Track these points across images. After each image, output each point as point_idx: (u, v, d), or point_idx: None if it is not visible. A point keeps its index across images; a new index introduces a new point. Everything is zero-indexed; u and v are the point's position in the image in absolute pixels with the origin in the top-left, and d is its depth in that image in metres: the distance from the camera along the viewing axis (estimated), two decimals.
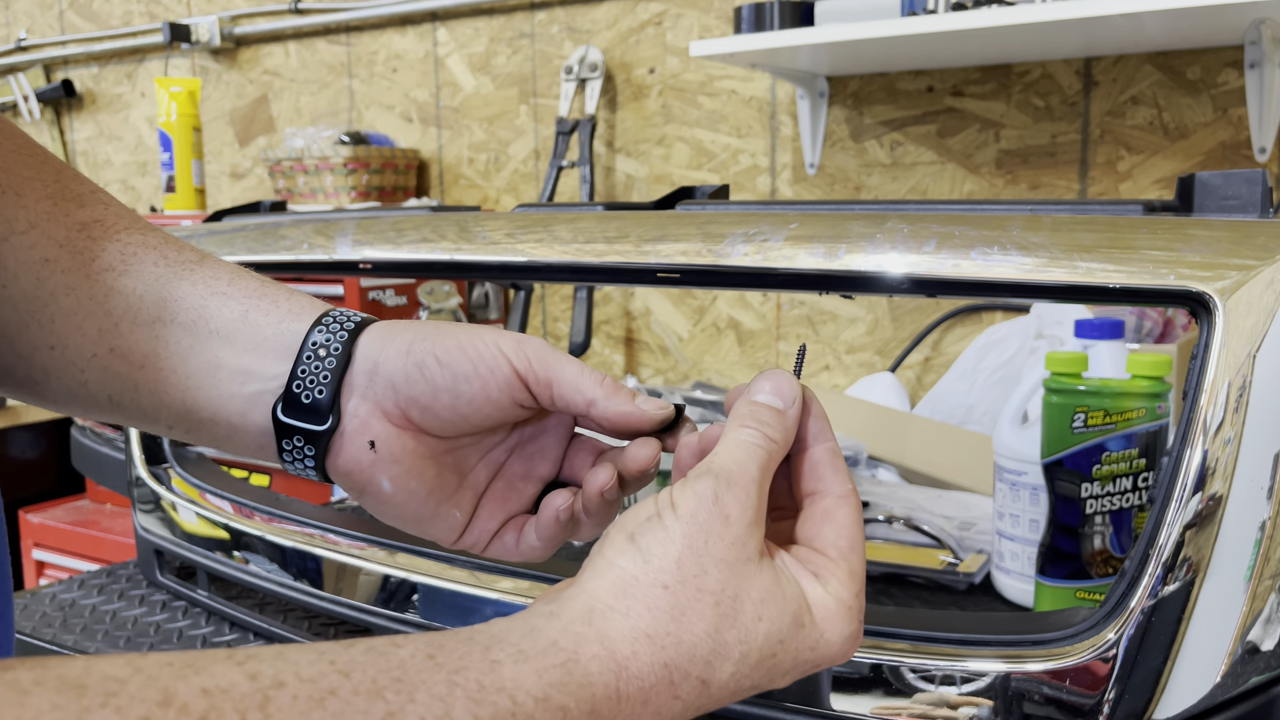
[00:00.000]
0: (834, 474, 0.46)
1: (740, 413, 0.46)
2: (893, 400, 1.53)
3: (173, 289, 0.51)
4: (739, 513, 0.42)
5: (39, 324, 0.51)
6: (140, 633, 1.03)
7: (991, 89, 1.61)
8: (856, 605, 0.44)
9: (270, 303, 0.52)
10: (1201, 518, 0.62)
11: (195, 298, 0.51)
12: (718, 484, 0.42)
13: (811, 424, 0.47)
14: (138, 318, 0.51)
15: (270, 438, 0.51)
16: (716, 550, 0.41)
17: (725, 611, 0.41)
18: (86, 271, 0.51)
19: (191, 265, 0.53)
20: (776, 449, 0.45)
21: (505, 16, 2.06)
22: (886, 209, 0.79)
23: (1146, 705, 0.64)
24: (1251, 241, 0.65)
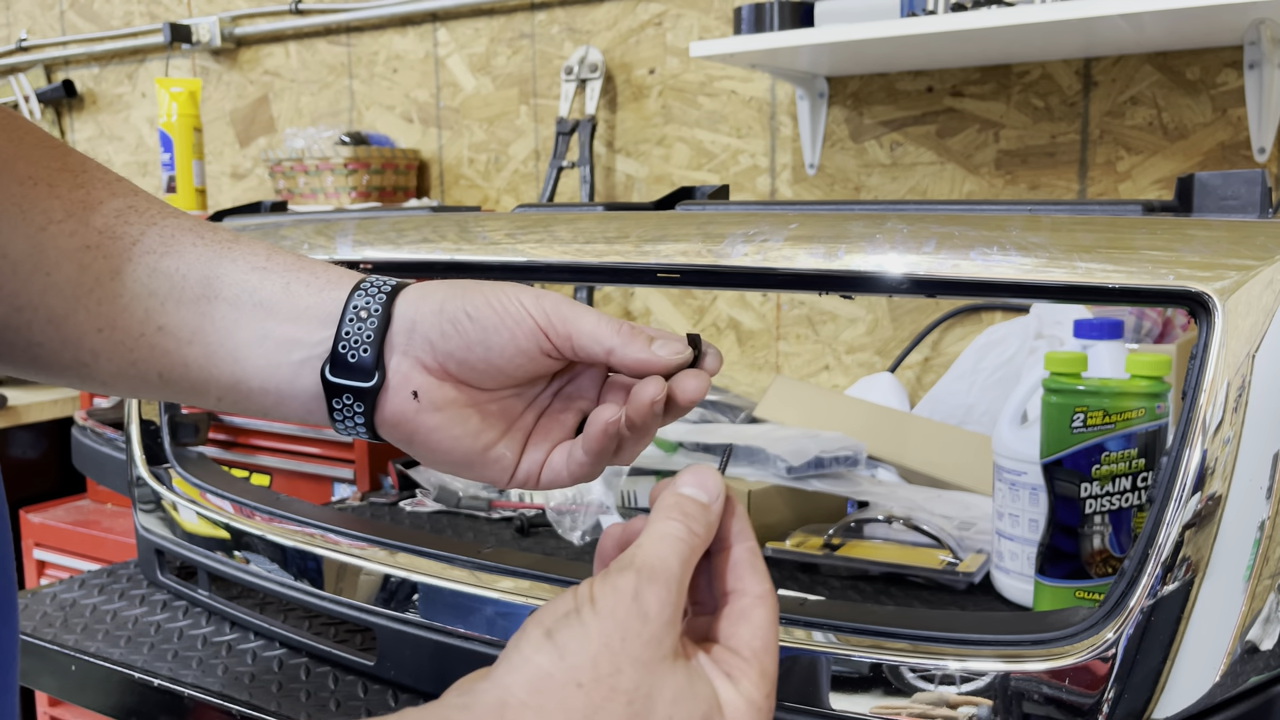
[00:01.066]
0: (753, 574, 0.47)
1: (665, 504, 0.46)
2: (892, 400, 1.54)
3: (215, 267, 0.54)
4: (657, 610, 0.42)
5: (85, 308, 0.53)
6: (141, 632, 1.03)
7: (991, 89, 1.62)
8: (766, 706, 0.45)
9: (310, 274, 0.55)
10: (1201, 517, 0.62)
11: (237, 273, 0.54)
12: (639, 579, 0.42)
13: (734, 523, 0.48)
14: (183, 296, 0.54)
15: (320, 400, 0.54)
16: (633, 649, 0.41)
17: (638, 711, 0.41)
18: (129, 255, 0.53)
19: (229, 244, 0.55)
20: (699, 543, 0.45)
21: (505, 17, 2.06)
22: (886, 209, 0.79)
23: (1146, 705, 0.64)
24: (1251, 242, 0.65)
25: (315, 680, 0.92)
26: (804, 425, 1.33)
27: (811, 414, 1.38)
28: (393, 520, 1.35)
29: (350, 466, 1.60)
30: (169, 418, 1.15)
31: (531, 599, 0.83)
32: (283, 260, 0.55)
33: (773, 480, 1.17)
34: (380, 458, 1.58)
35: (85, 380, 0.55)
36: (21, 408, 2.13)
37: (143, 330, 0.54)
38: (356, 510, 1.41)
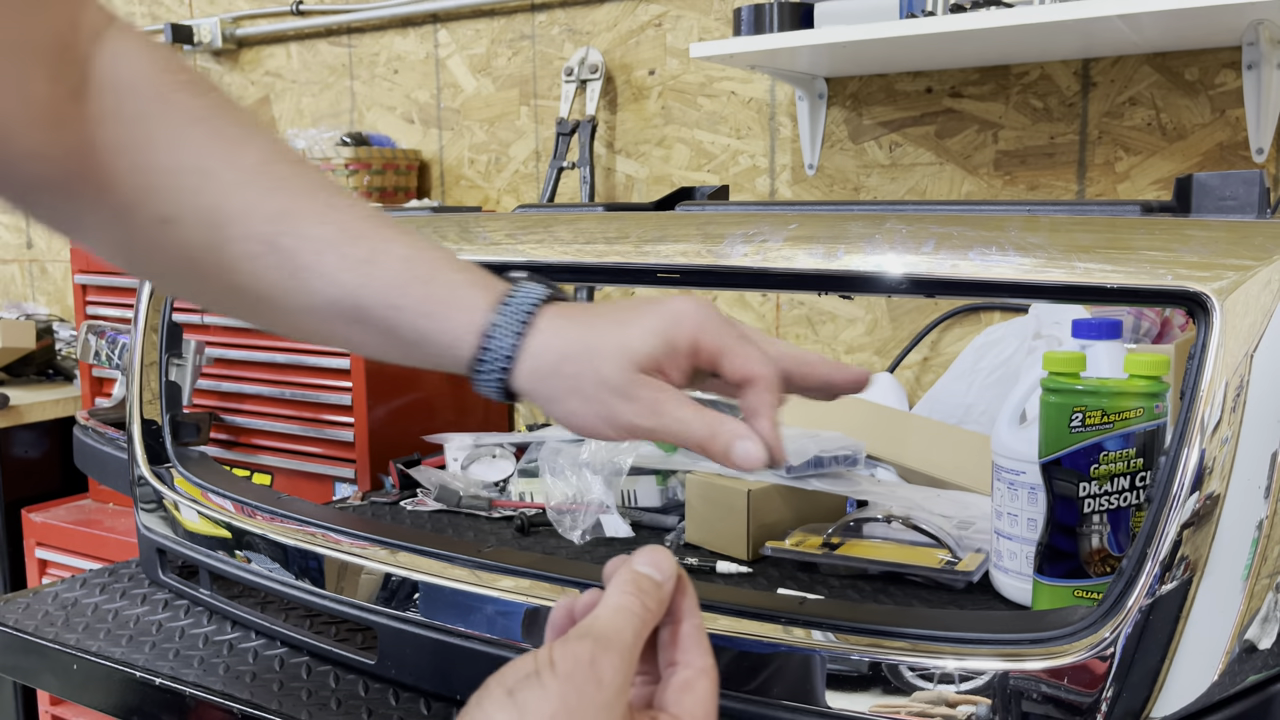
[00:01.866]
0: (698, 648, 0.50)
1: (622, 579, 0.50)
2: (891, 400, 1.54)
3: (359, 298, 0.59)
4: (611, 676, 0.45)
5: (269, 309, 0.60)
6: (143, 631, 1.03)
7: (990, 90, 1.62)
8: None
9: (439, 322, 0.59)
10: (1199, 517, 0.62)
11: (379, 310, 0.59)
12: (595, 647, 0.45)
13: (684, 600, 0.51)
14: (343, 317, 0.60)
15: None
16: (588, 712, 0.44)
17: None
18: (289, 270, 0.59)
19: (366, 269, 0.59)
20: (651, 617, 0.49)
21: (506, 18, 2.07)
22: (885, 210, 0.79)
23: (1144, 703, 0.64)
24: (1249, 242, 0.66)
25: (316, 679, 0.92)
26: (803, 425, 1.34)
27: (811, 413, 1.38)
28: (393, 519, 1.36)
29: (351, 466, 1.60)
30: (170, 417, 1.16)
31: (532, 598, 0.83)
32: (415, 297, 0.58)
33: (772, 480, 1.17)
34: (381, 457, 1.58)
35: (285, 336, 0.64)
36: (24, 407, 2.13)
37: (322, 336, 0.62)
38: (357, 510, 1.41)
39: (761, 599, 0.90)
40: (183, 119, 0.58)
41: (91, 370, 1.95)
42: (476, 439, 1.51)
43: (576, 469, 1.29)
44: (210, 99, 0.60)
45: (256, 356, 1.67)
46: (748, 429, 0.58)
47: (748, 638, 0.74)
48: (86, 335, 1.71)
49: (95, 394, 1.95)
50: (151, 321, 1.14)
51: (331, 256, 0.58)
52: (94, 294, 1.94)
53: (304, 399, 1.63)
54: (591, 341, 0.58)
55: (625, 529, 1.23)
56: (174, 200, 0.58)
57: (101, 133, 0.57)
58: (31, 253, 2.94)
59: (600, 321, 0.59)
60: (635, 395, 0.57)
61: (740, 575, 1.09)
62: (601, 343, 0.58)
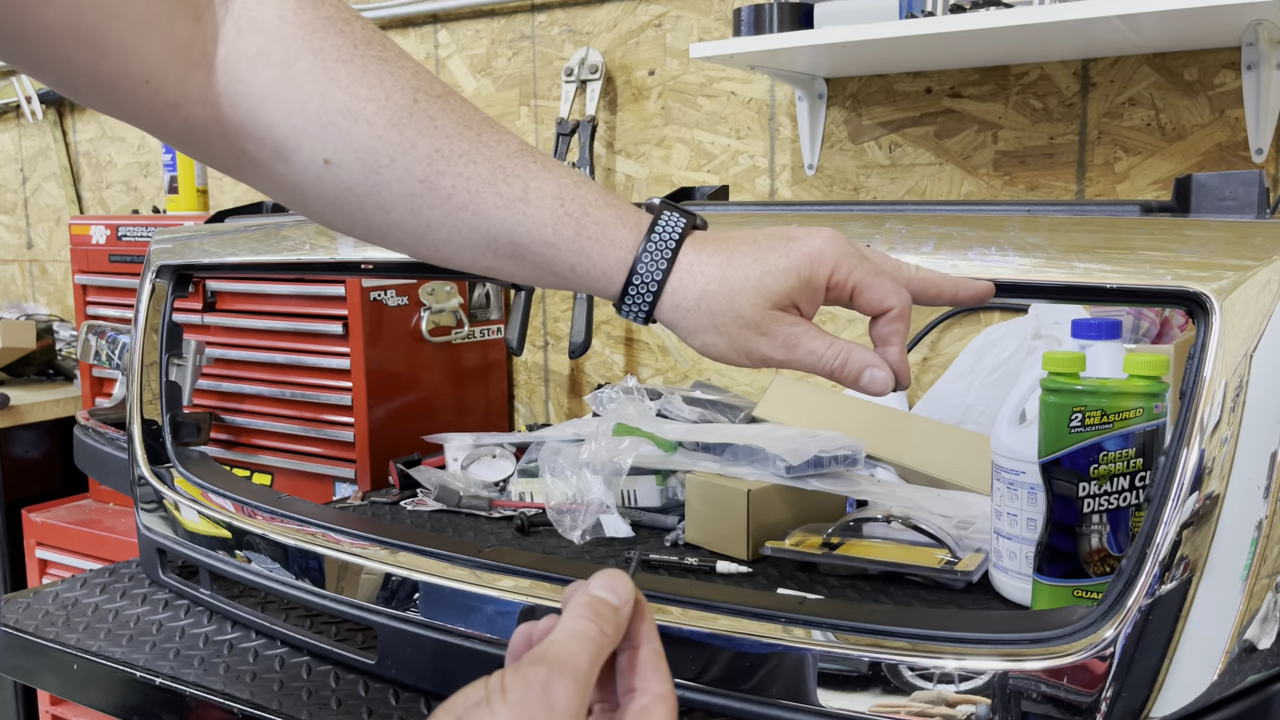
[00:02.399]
0: (655, 674, 0.49)
1: (578, 603, 0.49)
2: (891, 400, 1.54)
3: (515, 235, 0.62)
4: (565, 703, 0.44)
5: (425, 245, 0.63)
6: (143, 631, 1.03)
7: (989, 90, 1.62)
8: None
9: (588, 259, 0.62)
10: (1198, 517, 0.63)
11: (535, 246, 0.62)
12: (549, 673, 0.45)
13: (642, 625, 0.50)
14: (498, 252, 0.63)
15: None
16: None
17: None
18: (447, 209, 0.61)
19: (521, 207, 0.61)
20: (608, 642, 0.48)
21: (506, 18, 2.07)
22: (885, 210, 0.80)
23: (1144, 703, 0.64)
24: (1248, 242, 0.66)
25: (316, 679, 0.93)
26: (803, 425, 1.34)
27: (811, 414, 1.38)
28: (394, 519, 1.36)
29: (351, 466, 1.60)
30: (171, 417, 1.16)
31: (532, 598, 0.83)
32: (566, 235, 0.61)
33: (772, 479, 1.17)
34: (382, 457, 1.58)
35: (428, 259, 0.66)
36: (24, 407, 2.13)
37: (473, 266, 0.64)
38: (358, 510, 1.41)
39: (761, 599, 0.90)
40: (328, 59, 0.59)
41: (92, 370, 1.95)
42: (476, 439, 1.51)
43: (576, 469, 1.29)
44: (353, 33, 0.61)
45: (256, 357, 1.67)
46: (876, 357, 0.62)
47: (748, 637, 0.74)
48: (87, 335, 1.71)
49: (95, 394, 1.95)
50: (152, 322, 1.14)
51: (488, 195, 0.61)
52: (94, 294, 1.94)
53: (304, 399, 1.63)
54: (730, 279, 0.61)
55: (625, 529, 1.24)
56: (328, 142, 0.60)
57: (250, 75, 0.58)
58: (32, 253, 2.94)
59: (739, 258, 0.61)
60: (771, 331, 0.61)
61: (740, 575, 1.09)
62: (740, 282, 0.61)
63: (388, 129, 0.60)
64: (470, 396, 1.81)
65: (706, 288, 0.61)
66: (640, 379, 1.90)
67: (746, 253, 0.62)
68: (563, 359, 2.04)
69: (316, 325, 1.60)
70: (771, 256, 0.61)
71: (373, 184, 0.61)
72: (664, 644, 0.73)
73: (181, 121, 0.59)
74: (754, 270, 0.61)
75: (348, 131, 0.60)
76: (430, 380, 1.70)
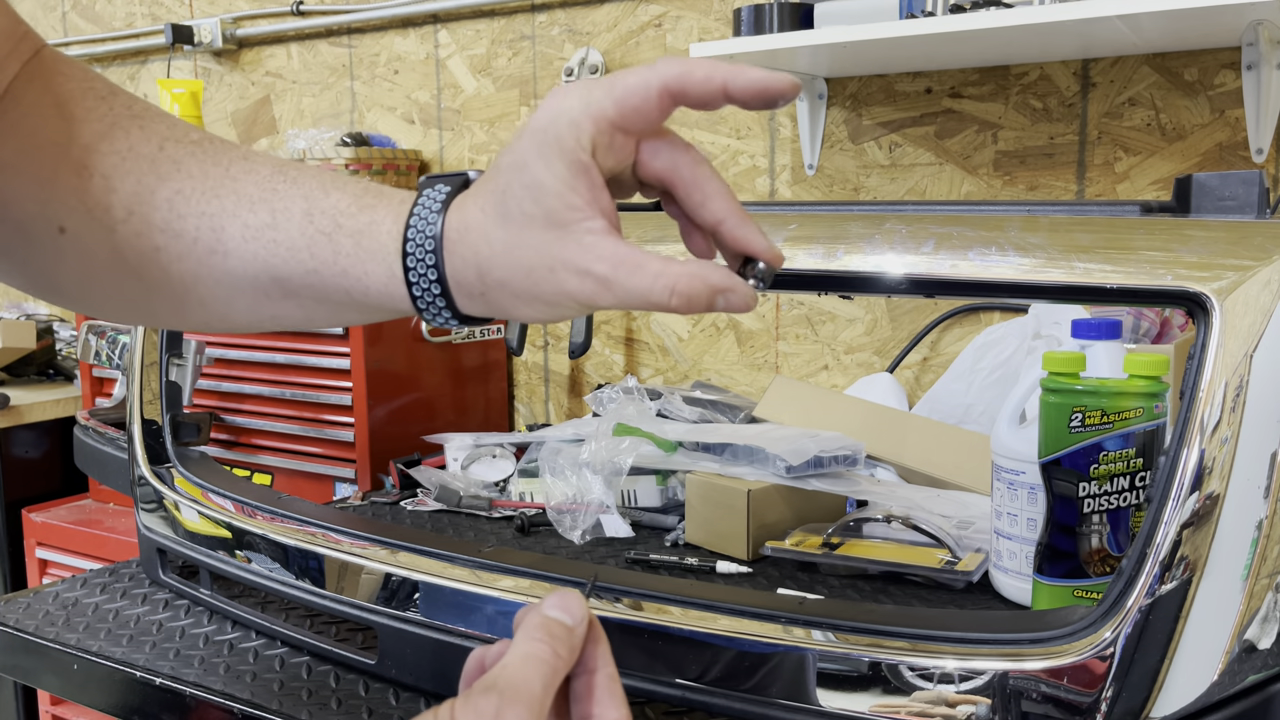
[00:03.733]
0: (611, 700, 0.48)
1: (531, 624, 0.47)
2: (891, 400, 1.54)
3: (275, 269, 0.54)
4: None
5: (193, 306, 0.56)
6: (143, 631, 1.03)
7: (989, 90, 1.62)
8: None
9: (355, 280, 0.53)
10: (1198, 517, 0.62)
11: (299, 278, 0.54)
12: (501, 701, 0.43)
13: (597, 649, 0.49)
14: (270, 295, 0.55)
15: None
16: None
17: None
18: (196, 257, 0.54)
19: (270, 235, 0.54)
20: (561, 664, 0.46)
21: (506, 18, 2.07)
22: (885, 210, 0.79)
23: (1144, 703, 0.64)
24: (1248, 242, 0.66)
25: (316, 679, 0.92)
26: (803, 425, 1.34)
27: (811, 414, 1.38)
28: (394, 519, 1.36)
29: (351, 466, 1.60)
30: (171, 417, 1.16)
31: (532, 598, 0.83)
32: (324, 256, 0.53)
33: (772, 480, 1.17)
34: (382, 457, 1.58)
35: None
36: (24, 407, 2.13)
37: (260, 319, 0.57)
38: (358, 510, 1.41)
39: (761, 599, 0.90)
40: (74, 121, 0.54)
41: (92, 370, 1.95)
42: (476, 439, 1.51)
43: (576, 469, 1.29)
44: (114, 101, 0.56)
45: (257, 356, 1.67)
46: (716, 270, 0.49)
47: (748, 638, 0.74)
48: (87, 335, 1.71)
49: (95, 394, 1.95)
50: None
51: (234, 229, 0.54)
52: None
53: (304, 399, 1.63)
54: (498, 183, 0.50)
55: (625, 529, 1.24)
56: (61, 207, 0.54)
57: None
58: None
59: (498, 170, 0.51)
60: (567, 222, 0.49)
61: (740, 575, 1.09)
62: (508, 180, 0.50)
63: (124, 179, 0.54)
64: (470, 396, 1.81)
65: (480, 249, 0.51)
66: (640, 379, 1.89)
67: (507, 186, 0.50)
68: (563, 359, 2.04)
69: None
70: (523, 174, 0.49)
71: (113, 245, 0.54)
72: (665, 643, 0.73)
73: None
74: (514, 199, 0.50)
75: (80, 191, 0.53)
76: (430, 380, 1.70)
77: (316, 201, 0.54)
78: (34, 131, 0.54)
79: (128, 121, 0.55)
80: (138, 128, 0.55)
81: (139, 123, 0.55)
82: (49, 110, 0.54)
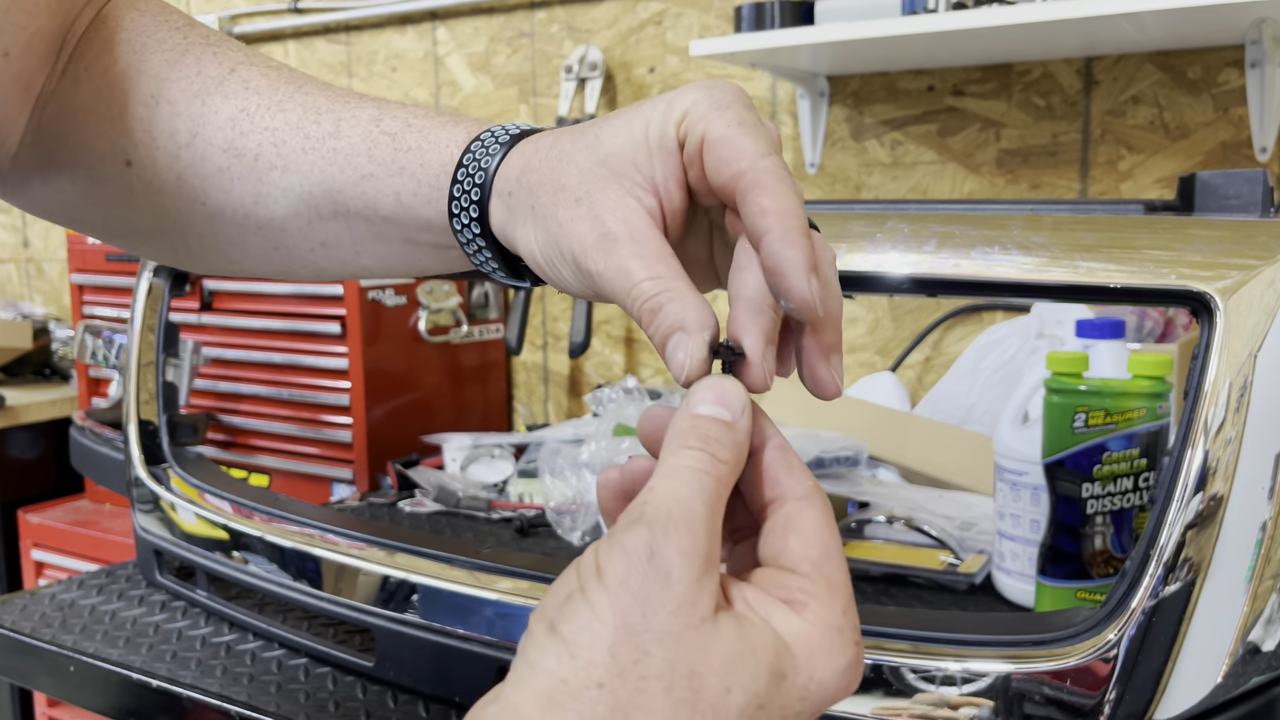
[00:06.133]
0: (789, 474, 0.38)
1: (680, 430, 0.37)
2: (893, 400, 1.53)
3: (330, 180, 0.51)
4: (683, 567, 0.34)
5: (252, 232, 0.53)
6: (140, 633, 1.03)
7: (992, 88, 1.61)
8: (847, 625, 0.36)
9: (412, 179, 0.49)
10: (1202, 518, 0.62)
11: (352, 187, 0.50)
12: (652, 535, 0.34)
13: (756, 424, 0.39)
14: (322, 213, 0.52)
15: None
16: (658, 622, 0.33)
17: (681, 696, 0.33)
18: (259, 177, 0.52)
19: (331, 143, 0.51)
20: (727, 472, 0.37)
21: (505, 16, 2.06)
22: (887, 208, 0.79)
23: (1147, 706, 0.64)
24: (1252, 241, 0.65)
25: (314, 681, 0.92)
26: (804, 425, 1.33)
27: (812, 414, 1.38)
28: (392, 521, 1.35)
29: (349, 467, 1.60)
30: (167, 418, 1.15)
31: (531, 600, 0.83)
32: (383, 158, 0.50)
33: None
34: (380, 458, 1.58)
35: (298, 280, 0.58)
36: (20, 408, 2.13)
37: (310, 246, 0.53)
38: (355, 511, 1.41)
39: None
40: (147, 53, 0.53)
41: (88, 370, 1.94)
42: (475, 439, 1.50)
43: (576, 470, 1.28)
44: (191, 32, 0.55)
45: (254, 357, 1.67)
46: (703, 316, 0.39)
47: None
48: (83, 335, 1.71)
49: (92, 394, 1.94)
50: (148, 321, 1.14)
51: (295, 141, 0.51)
52: (90, 293, 1.93)
53: (302, 399, 1.63)
54: (564, 144, 0.44)
55: None
56: (128, 139, 0.52)
57: (71, 93, 0.54)
58: (28, 252, 2.93)
59: (588, 127, 0.45)
60: (590, 199, 0.42)
61: None
62: (573, 144, 0.44)
63: (190, 103, 0.52)
64: (469, 396, 1.80)
65: (535, 156, 0.45)
66: (640, 379, 1.89)
67: (600, 122, 0.45)
68: (562, 359, 2.03)
69: (314, 325, 1.60)
70: (622, 116, 0.44)
71: (178, 172, 0.52)
72: None
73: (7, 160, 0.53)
74: (594, 130, 0.44)
75: (147, 120, 0.52)
76: (429, 380, 1.70)
77: (390, 110, 0.51)
78: (108, 69, 0.53)
79: (200, 48, 0.54)
80: (210, 54, 0.54)
81: (213, 49, 0.54)
82: (121, 48, 0.54)
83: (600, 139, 0.43)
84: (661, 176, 0.42)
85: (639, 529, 0.34)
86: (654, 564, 0.34)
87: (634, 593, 0.33)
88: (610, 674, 0.33)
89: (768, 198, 0.39)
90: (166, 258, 0.59)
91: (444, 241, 0.50)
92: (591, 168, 0.43)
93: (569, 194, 0.43)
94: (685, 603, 0.33)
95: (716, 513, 0.36)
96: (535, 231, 0.44)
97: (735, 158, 0.40)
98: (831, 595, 0.36)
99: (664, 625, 0.33)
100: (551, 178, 0.43)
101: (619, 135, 0.43)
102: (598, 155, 0.43)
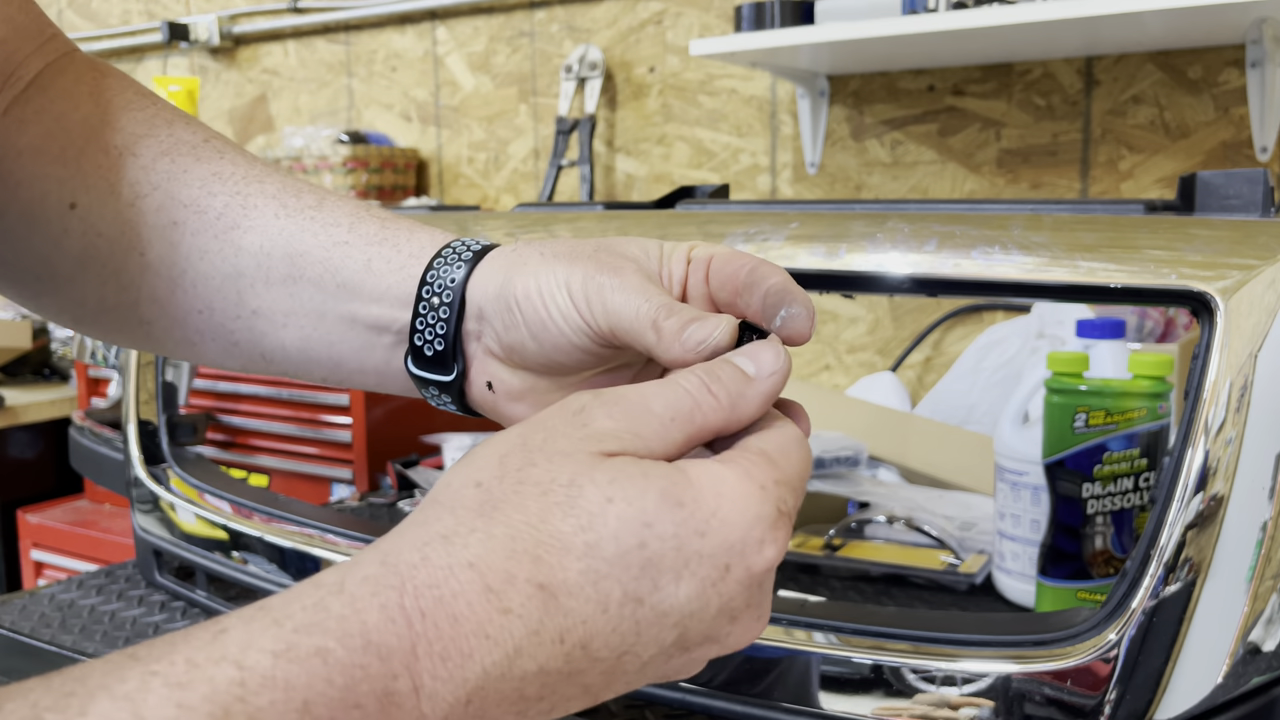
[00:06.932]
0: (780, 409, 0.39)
1: (704, 364, 0.37)
2: (893, 400, 1.53)
3: (298, 243, 0.50)
4: (604, 425, 0.33)
5: (183, 289, 0.52)
6: (139, 633, 1.03)
7: (992, 88, 1.61)
8: (773, 490, 0.35)
9: (392, 248, 0.49)
10: (1203, 518, 0.62)
11: (319, 251, 0.50)
12: (595, 400, 0.34)
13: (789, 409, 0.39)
14: (270, 277, 0.50)
15: (413, 384, 0.49)
16: (554, 445, 0.33)
17: (556, 500, 0.32)
18: (214, 232, 0.51)
19: (311, 213, 0.51)
20: (713, 409, 0.35)
21: (505, 15, 2.06)
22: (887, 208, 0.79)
23: (1148, 706, 0.64)
24: (1253, 241, 0.65)
25: None
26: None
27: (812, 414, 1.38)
28: (391, 521, 1.35)
29: (349, 467, 1.60)
30: (167, 418, 1.15)
31: None
32: (366, 231, 0.50)
33: None
34: (380, 458, 1.58)
35: (199, 359, 0.54)
36: (19, 408, 2.13)
37: (238, 313, 0.51)
38: (355, 511, 1.41)
39: None
40: (113, 109, 0.53)
41: (87, 370, 1.94)
42: (475, 439, 1.50)
43: None
44: (156, 100, 0.55)
45: None
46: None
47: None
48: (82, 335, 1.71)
49: (91, 394, 1.94)
50: None
51: (269, 208, 0.51)
52: None
53: (301, 399, 1.63)
54: (556, 246, 0.45)
55: None
56: (80, 184, 0.51)
57: (18, 136, 0.52)
58: None
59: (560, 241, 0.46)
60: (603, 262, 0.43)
61: None
62: (568, 247, 0.44)
63: (158, 159, 0.51)
64: None
65: (520, 256, 0.45)
66: None
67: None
68: None
69: None
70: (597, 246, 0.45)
71: (126, 220, 0.51)
72: None
73: None
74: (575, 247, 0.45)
75: (107, 168, 0.51)
76: None
77: (369, 208, 0.52)
78: (64, 114, 0.53)
79: (171, 114, 0.54)
80: (183, 122, 0.53)
81: (184, 119, 0.54)
82: (84, 97, 0.53)
83: (585, 251, 0.45)
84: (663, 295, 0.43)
85: (585, 395, 0.34)
86: (579, 416, 0.34)
87: (543, 423, 0.34)
88: (491, 475, 0.33)
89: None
90: (67, 312, 0.56)
91: (386, 319, 0.49)
92: (588, 262, 0.44)
93: (556, 280, 0.43)
94: (591, 437, 0.33)
95: (674, 426, 0.34)
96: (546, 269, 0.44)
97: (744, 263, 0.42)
98: (768, 464, 0.35)
99: (558, 447, 0.33)
100: (538, 277, 0.44)
101: (616, 247, 0.45)
102: (591, 259, 0.44)
